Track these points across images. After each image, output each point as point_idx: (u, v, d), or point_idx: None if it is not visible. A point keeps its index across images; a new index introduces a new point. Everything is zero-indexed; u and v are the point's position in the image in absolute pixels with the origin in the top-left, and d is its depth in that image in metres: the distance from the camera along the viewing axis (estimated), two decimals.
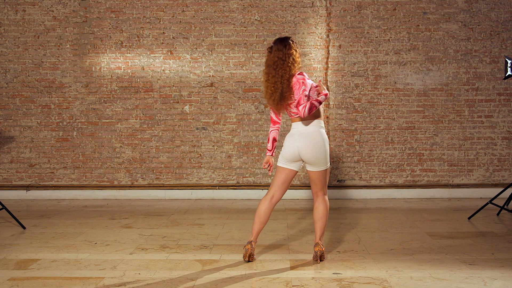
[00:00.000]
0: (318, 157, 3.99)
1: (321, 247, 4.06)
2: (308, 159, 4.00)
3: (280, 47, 3.95)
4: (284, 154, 4.05)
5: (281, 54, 3.93)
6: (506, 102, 7.08)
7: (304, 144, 3.96)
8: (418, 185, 7.11)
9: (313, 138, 3.98)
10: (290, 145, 4.01)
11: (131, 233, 5.09)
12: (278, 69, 3.91)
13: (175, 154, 7.17)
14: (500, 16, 7.03)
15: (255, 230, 4.10)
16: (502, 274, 3.75)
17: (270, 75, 3.94)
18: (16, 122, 7.19)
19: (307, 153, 3.97)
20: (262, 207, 4.11)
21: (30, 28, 7.14)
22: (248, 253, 4.05)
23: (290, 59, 3.93)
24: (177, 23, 7.10)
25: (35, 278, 3.73)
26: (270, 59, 3.97)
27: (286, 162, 4.07)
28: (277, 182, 4.11)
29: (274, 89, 3.91)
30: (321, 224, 4.10)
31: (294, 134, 4.01)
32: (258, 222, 4.10)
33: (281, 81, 3.90)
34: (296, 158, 4.03)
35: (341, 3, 7.05)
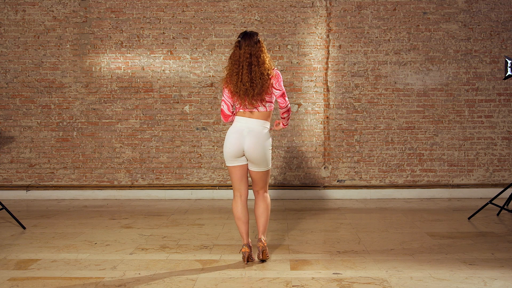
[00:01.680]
0: (264, 158, 4.02)
1: (263, 242, 4.05)
2: (254, 159, 4.00)
3: (251, 43, 3.95)
4: (228, 151, 4.02)
5: (254, 50, 3.94)
6: (506, 102, 7.08)
7: (253, 143, 3.97)
8: (418, 185, 7.11)
9: (262, 137, 4.01)
10: (235, 140, 3.99)
11: (131, 233, 5.09)
12: (253, 65, 3.92)
13: (175, 154, 7.17)
14: (500, 16, 7.03)
15: (243, 232, 4.11)
16: (502, 274, 3.75)
17: (243, 71, 3.92)
18: (16, 122, 7.19)
19: (254, 152, 3.98)
20: (237, 209, 4.12)
21: (30, 28, 7.14)
22: (246, 255, 4.05)
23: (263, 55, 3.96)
24: (177, 23, 7.10)
25: (35, 278, 3.73)
26: (242, 54, 3.94)
27: (233, 159, 4.04)
28: (236, 181, 4.11)
29: (251, 85, 3.90)
30: (263, 220, 4.10)
31: (243, 130, 3.99)
32: (241, 223, 4.11)
33: (260, 77, 3.91)
34: (240, 154, 4.02)
35: (341, 3, 7.05)
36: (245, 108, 4.01)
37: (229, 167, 4.10)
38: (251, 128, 4.00)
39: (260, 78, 3.92)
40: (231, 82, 3.98)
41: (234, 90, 3.97)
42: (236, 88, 3.94)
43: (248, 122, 4.01)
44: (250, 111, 4.01)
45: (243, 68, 3.93)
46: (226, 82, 4.03)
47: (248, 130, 4.00)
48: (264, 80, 3.93)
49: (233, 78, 3.96)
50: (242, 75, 3.93)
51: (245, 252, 4.05)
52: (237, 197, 4.13)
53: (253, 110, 4.01)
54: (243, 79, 3.92)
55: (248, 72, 3.92)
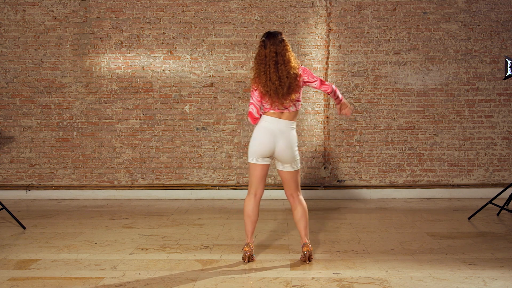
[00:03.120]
0: (295, 157, 4.03)
1: (309, 247, 4.05)
2: (286, 159, 4.01)
3: (276, 42, 3.95)
4: (258, 150, 4.00)
5: (279, 49, 3.94)
6: (506, 102, 7.08)
7: (285, 144, 3.97)
8: (418, 185, 7.11)
9: (292, 138, 4.03)
10: (267, 140, 3.97)
11: (131, 233, 5.09)
12: (280, 64, 3.91)
13: (175, 154, 7.17)
14: (500, 16, 7.03)
15: (248, 231, 4.10)
16: (502, 274, 3.75)
17: (271, 69, 3.92)
18: (16, 122, 7.19)
19: (285, 153, 3.98)
20: (249, 207, 4.10)
21: (30, 28, 7.14)
22: (247, 255, 4.05)
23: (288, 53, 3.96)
24: (177, 23, 7.10)
25: (35, 278, 3.73)
26: (267, 54, 3.94)
27: (259, 158, 4.03)
28: (256, 179, 4.09)
29: (280, 83, 3.89)
30: (303, 223, 4.09)
31: (275, 131, 3.98)
32: (249, 222, 4.10)
33: (287, 75, 3.90)
34: (269, 154, 4.02)
35: (341, 3, 7.05)
36: (276, 109, 3.99)
37: (253, 164, 4.06)
38: (282, 130, 3.99)
39: (287, 77, 3.91)
40: (260, 82, 3.95)
41: (264, 90, 3.94)
42: (266, 87, 3.92)
43: (279, 123, 4.00)
44: (282, 112, 4.00)
45: (270, 67, 3.92)
46: (255, 83, 4.00)
47: (279, 131, 3.99)
48: (291, 78, 3.92)
49: (262, 78, 3.94)
50: (270, 74, 3.91)
51: (246, 251, 4.05)
52: (251, 194, 4.10)
53: (284, 110, 4.00)
54: (272, 78, 3.90)
55: (276, 70, 3.91)
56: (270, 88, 3.90)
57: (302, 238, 4.09)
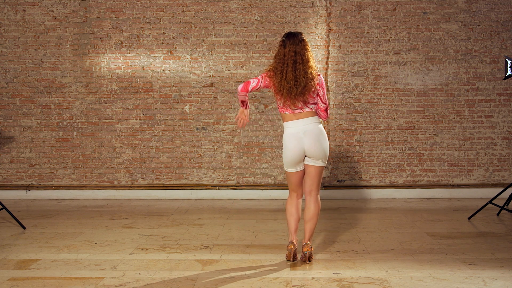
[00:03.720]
0: (325, 152, 4.05)
1: (309, 247, 4.05)
2: (316, 154, 4.01)
3: (296, 41, 3.96)
4: (290, 160, 4.04)
5: (299, 48, 3.95)
6: (506, 102, 7.08)
7: (312, 142, 3.98)
8: (418, 185, 7.11)
9: (319, 134, 4.03)
10: (296, 147, 3.99)
11: (131, 233, 5.09)
12: (298, 63, 3.92)
13: (175, 154, 7.17)
14: (500, 16, 7.03)
15: (292, 229, 4.10)
16: (502, 274, 3.75)
17: (288, 68, 3.92)
18: (16, 122, 7.19)
19: (315, 150, 4.00)
20: (292, 205, 4.13)
21: (30, 28, 7.14)
22: (292, 252, 4.03)
23: (308, 53, 3.97)
24: (177, 23, 7.10)
25: (35, 278, 3.73)
26: (286, 53, 3.95)
27: (295, 165, 4.07)
28: (294, 185, 4.14)
29: (295, 83, 3.90)
30: (312, 224, 4.09)
31: (298, 133, 3.99)
32: (293, 220, 4.11)
33: (304, 75, 3.91)
34: (301, 158, 4.05)
35: (341, 3, 7.05)
36: (289, 109, 4.00)
37: (289, 173, 4.12)
38: (305, 129, 4.00)
39: (304, 77, 3.91)
40: (275, 80, 3.97)
41: (278, 89, 3.96)
42: (280, 86, 3.94)
43: (299, 124, 4.00)
44: (296, 113, 4.00)
45: (287, 66, 3.93)
46: (269, 74, 4.00)
47: (303, 131, 4.00)
48: (308, 79, 3.92)
49: (277, 76, 3.96)
50: (286, 73, 3.92)
51: (291, 249, 4.03)
52: (293, 196, 4.15)
53: (297, 111, 4.00)
54: (287, 77, 3.91)
55: (293, 70, 3.92)
56: (283, 87, 3.92)
57: (305, 238, 4.09)
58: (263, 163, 7.11)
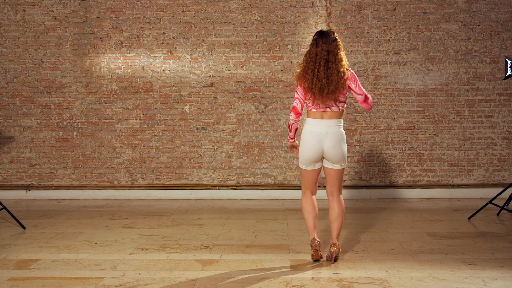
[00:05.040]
0: (344, 155, 4.05)
1: (337, 247, 4.05)
2: (334, 158, 4.02)
3: (328, 41, 3.96)
4: (307, 157, 4.04)
5: (331, 48, 3.94)
6: (506, 102, 7.08)
7: (333, 145, 3.99)
8: (418, 185, 7.11)
9: (340, 137, 4.03)
10: (314, 146, 4.00)
11: (131, 233, 5.09)
12: (331, 62, 3.92)
13: (175, 154, 7.17)
14: (500, 16, 7.03)
15: (311, 227, 4.10)
16: (502, 274, 3.75)
17: (320, 67, 3.92)
18: (16, 122, 7.19)
19: (334, 153, 3.99)
20: (307, 203, 4.14)
21: (30, 28, 7.14)
22: (318, 248, 4.02)
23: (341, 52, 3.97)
24: (177, 23, 7.10)
25: (35, 278, 3.73)
26: (319, 52, 3.94)
27: (311, 164, 4.07)
28: (308, 183, 4.15)
29: (327, 82, 3.90)
30: (338, 224, 4.09)
31: (320, 133, 3.99)
32: (311, 217, 4.11)
33: (336, 74, 3.91)
34: (319, 158, 4.05)
35: (341, 3, 7.05)
36: (318, 107, 3.99)
37: (305, 170, 4.12)
38: (328, 130, 4.00)
39: (337, 75, 3.91)
40: (305, 79, 3.97)
41: (308, 87, 3.95)
42: (311, 84, 3.93)
43: (323, 125, 4.00)
44: (323, 111, 4.00)
45: (320, 65, 3.93)
46: (299, 79, 4.01)
47: (325, 132, 3.99)
48: (340, 77, 3.92)
49: (308, 75, 3.95)
50: (318, 71, 3.92)
51: (316, 245, 4.02)
52: (308, 194, 4.16)
53: (326, 110, 4.00)
54: (319, 76, 3.91)
55: (325, 69, 3.92)
56: (315, 86, 3.91)
57: (333, 238, 4.10)
58: (263, 163, 7.11)
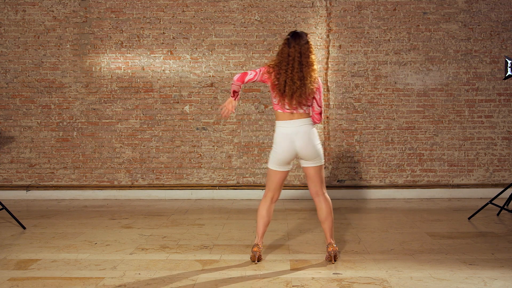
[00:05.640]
0: (317, 152, 4.00)
1: (334, 246, 4.04)
2: (308, 155, 3.98)
3: (301, 42, 3.90)
4: (280, 158, 4.00)
5: (304, 49, 3.90)
6: (506, 102, 7.08)
7: (304, 143, 3.95)
8: (418, 185, 7.11)
9: (311, 134, 3.99)
10: (287, 147, 3.96)
11: (131, 233, 5.09)
12: (304, 66, 3.87)
13: (175, 154, 7.17)
14: (500, 16, 7.03)
15: (260, 232, 4.10)
16: (502, 274, 3.75)
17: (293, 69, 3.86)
18: (16, 122, 7.19)
19: (307, 150, 3.96)
20: (263, 208, 4.11)
21: (30, 28, 7.14)
22: (257, 255, 4.05)
23: (313, 56, 3.93)
24: (177, 23, 7.10)
25: (35, 278, 3.73)
26: (291, 52, 3.88)
27: (281, 165, 4.04)
28: (275, 185, 4.10)
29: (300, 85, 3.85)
30: (329, 223, 4.07)
31: (291, 134, 3.95)
32: (262, 223, 4.10)
33: (310, 78, 3.87)
34: (291, 159, 4.02)
35: (341, 3, 7.05)
36: (284, 108, 3.95)
37: (274, 171, 4.06)
38: (298, 130, 3.96)
39: (310, 80, 3.87)
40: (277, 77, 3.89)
41: (279, 87, 3.90)
42: (284, 84, 3.87)
43: (292, 125, 3.97)
44: (290, 113, 3.96)
45: (293, 67, 3.86)
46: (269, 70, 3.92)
47: (295, 132, 3.96)
48: (311, 82, 3.89)
49: (281, 75, 3.88)
50: (292, 73, 3.85)
51: (256, 251, 4.04)
52: (268, 197, 4.11)
53: (292, 111, 3.96)
54: (293, 77, 3.85)
55: (299, 71, 3.86)
56: (287, 86, 3.86)
57: (327, 238, 4.09)
58: (263, 163, 7.11)
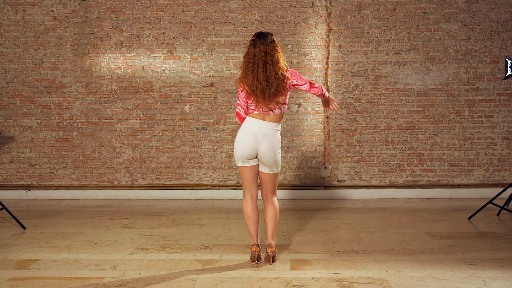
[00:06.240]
0: (277, 160, 4.04)
1: (273, 247, 4.04)
2: (268, 162, 4.01)
3: (266, 42, 3.94)
4: (241, 153, 4.00)
5: (269, 49, 3.93)
6: (506, 102, 7.08)
7: (268, 147, 3.97)
8: (418, 185, 7.11)
9: (276, 141, 4.03)
10: (250, 144, 3.97)
11: (131, 233, 5.09)
12: (268, 64, 3.90)
13: (175, 154, 7.17)
14: (500, 16, 7.03)
15: (253, 232, 4.10)
16: (502, 274, 3.75)
17: (259, 69, 3.90)
18: (16, 122, 7.19)
19: (268, 156, 3.99)
20: (247, 208, 4.11)
21: (30, 28, 7.14)
22: (256, 255, 4.04)
23: (278, 54, 3.95)
24: (177, 23, 7.10)
25: (35, 278, 3.73)
26: (256, 53, 3.92)
27: (246, 160, 4.04)
28: (247, 181, 4.10)
29: (267, 84, 3.88)
30: (273, 224, 4.09)
31: (258, 134, 3.97)
32: (252, 223, 4.10)
33: (275, 76, 3.89)
34: (253, 156, 4.02)
35: (341, 3, 7.05)
36: (261, 110, 3.97)
37: (241, 167, 4.08)
38: (265, 132, 3.98)
39: (275, 78, 3.89)
40: (246, 82, 3.94)
41: (251, 89, 3.92)
42: (253, 86, 3.90)
43: (262, 126, 3.98)
44: (266, 114, 3.98)
45: (258, 67, 3.91)
46: (242, 82, 3.98)
47: (263, 134, 3.97)
48: (279, 80, 3.91)
49: (249, 77, 3.92)
50: (257, 73, 3.89)
51: (254, 251, 4.04)
52: (247, 196, 4.12)
53: (268, 112, 3.98)
54: (259, 78, 3.88)
55: (264, 70, 3.90)
56: (256, 88, 3.89)
57: (268, 238, 4.09)
58: None
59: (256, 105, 3.95)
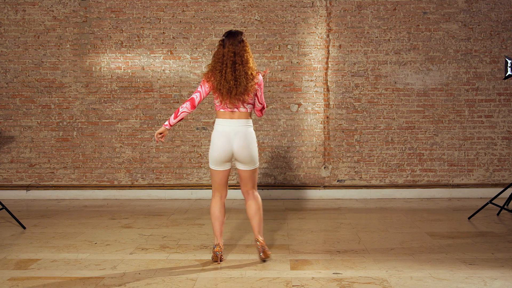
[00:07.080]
0: (253, 156, 4.06)
1: (261, 241, 4.07)
2: (243, 159, 4.04)
3: (235, 42, 3.96)
4: (216, 156, 4.03)
5: (238, 49, 3.95)
6: (506, 102, 7.08)
7: (241, 144, 3.99)
8: (418, 185, 7.11)
9: (250, 137, 4.04)
10: (223, 145, 3.99)
11: (131, 233, 5.09)
12: (237, 64, 3.92)
13: (175, 154, 7.17)
14: (500, 16, 7.03)
15: (217, 232, 4.11)
16: (502, 274, 3.75)
17: (227, 69, 3.92)
18: (16, 122, 7.19)
19: (243, 153, 4.01)
20: (215, 209, 4.12)
21: (30, 28, 7.14)
22: (219, 255, 4.06)
23: (247, 54, 3.97)
24: (177, 23, 7.10)
25: (35, 278, 3.73)
26: (225, 53, 3.94)
27: (221, 164, 4.07)
28: (218, 185, 4.14)
29: (235, 83, 3.90)
30: (257, 219, 4.12)
31: (229, 133, 3.98)
32: (218, 223, 4.11)
33: (244, 76, 3.91)
34: (228, 158, 4.05)
35: (341, 3, 7.05)
36: (226, 107, 3.99)
37: (214, 170, 4.11)
38: (236, 130, 4.00)
39: (245, 77, 3.92)
40: (214, 80, 3.97)
41: (217, 88, 3.95)
42: (219, 85, 3.93)
43: (232, 124, 4.00)
44: (231, 111, 4.00)
45: (226, 67, 3.93)
46: (208, 77, 4.01)
47: (234, 132, 3.99)
48: (248, 79, 3.93)
49: (216, 76, 3.95)
50: (226, 73, 3.92)
51: (218, 251, 4.06)
52: (217, 197, 4.15)
53: (234, 110, 4.00)
54: (227, 77, 3.91)
55: (232, 70, 3.92)
56: (223, 87, 3.91)
57: (255, 234, 4.11)
58: (263, 163, 7.11)
59: (221, 102, 3.99)
